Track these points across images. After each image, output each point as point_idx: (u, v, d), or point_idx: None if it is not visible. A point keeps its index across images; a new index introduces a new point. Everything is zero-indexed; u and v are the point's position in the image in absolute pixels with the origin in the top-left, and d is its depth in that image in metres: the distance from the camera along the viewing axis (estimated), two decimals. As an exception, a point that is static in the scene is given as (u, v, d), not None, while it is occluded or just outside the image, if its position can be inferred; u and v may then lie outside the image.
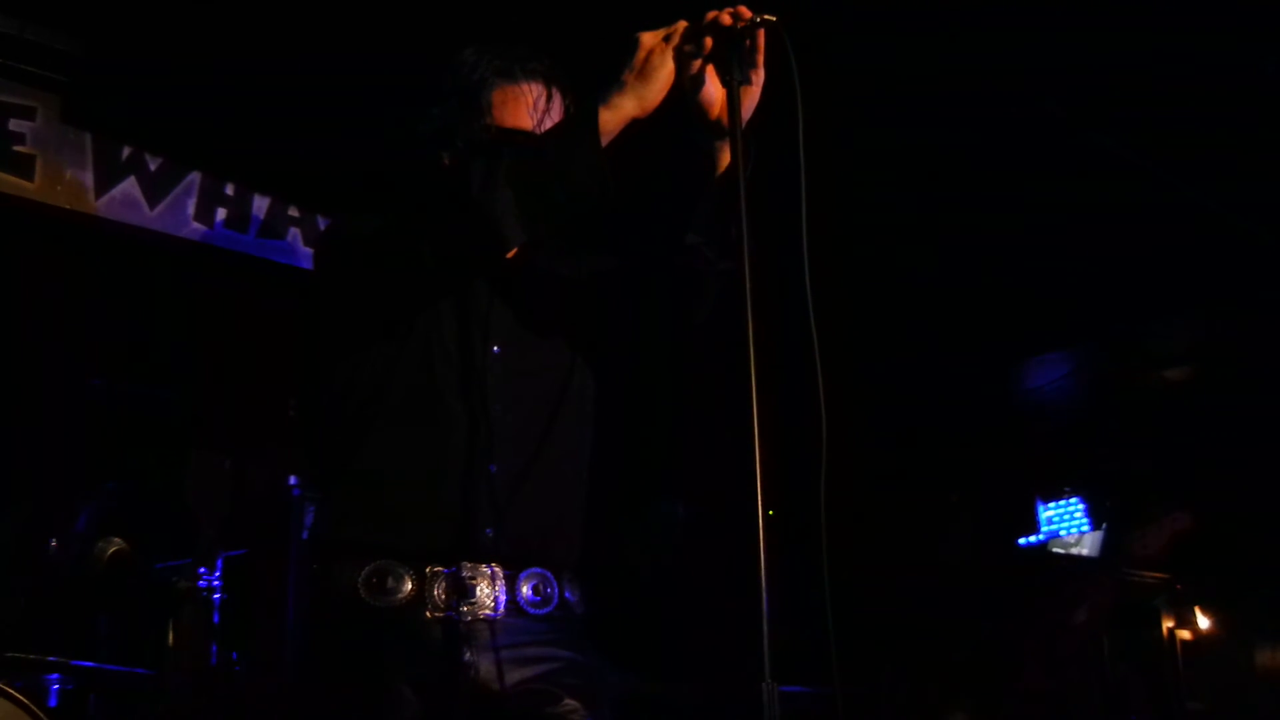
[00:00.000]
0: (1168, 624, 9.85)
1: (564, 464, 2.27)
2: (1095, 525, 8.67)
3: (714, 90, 2.08)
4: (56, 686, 3.70)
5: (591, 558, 2.30)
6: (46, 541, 3.84)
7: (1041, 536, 8.87)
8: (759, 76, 2.05)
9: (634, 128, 2.05)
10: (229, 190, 5.36)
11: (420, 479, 2.13)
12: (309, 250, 5.50)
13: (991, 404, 7.77)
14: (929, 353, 6.78)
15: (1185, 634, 9.90)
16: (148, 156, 5.15)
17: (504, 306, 2.23)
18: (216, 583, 4.08)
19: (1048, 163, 5.22)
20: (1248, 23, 4.37)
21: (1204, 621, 10.00)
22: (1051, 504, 8.85)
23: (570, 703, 2.13)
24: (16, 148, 4.82)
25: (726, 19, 2.00)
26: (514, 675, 2.12)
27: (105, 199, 5.02)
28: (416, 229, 2.07)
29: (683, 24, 2.04)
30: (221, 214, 5.32)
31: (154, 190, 5.15)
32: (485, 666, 2.11)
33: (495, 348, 2.21)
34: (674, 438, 5.57)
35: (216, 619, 4.06)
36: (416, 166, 2.29)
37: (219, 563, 4.12)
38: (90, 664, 3.85)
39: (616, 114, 2.00)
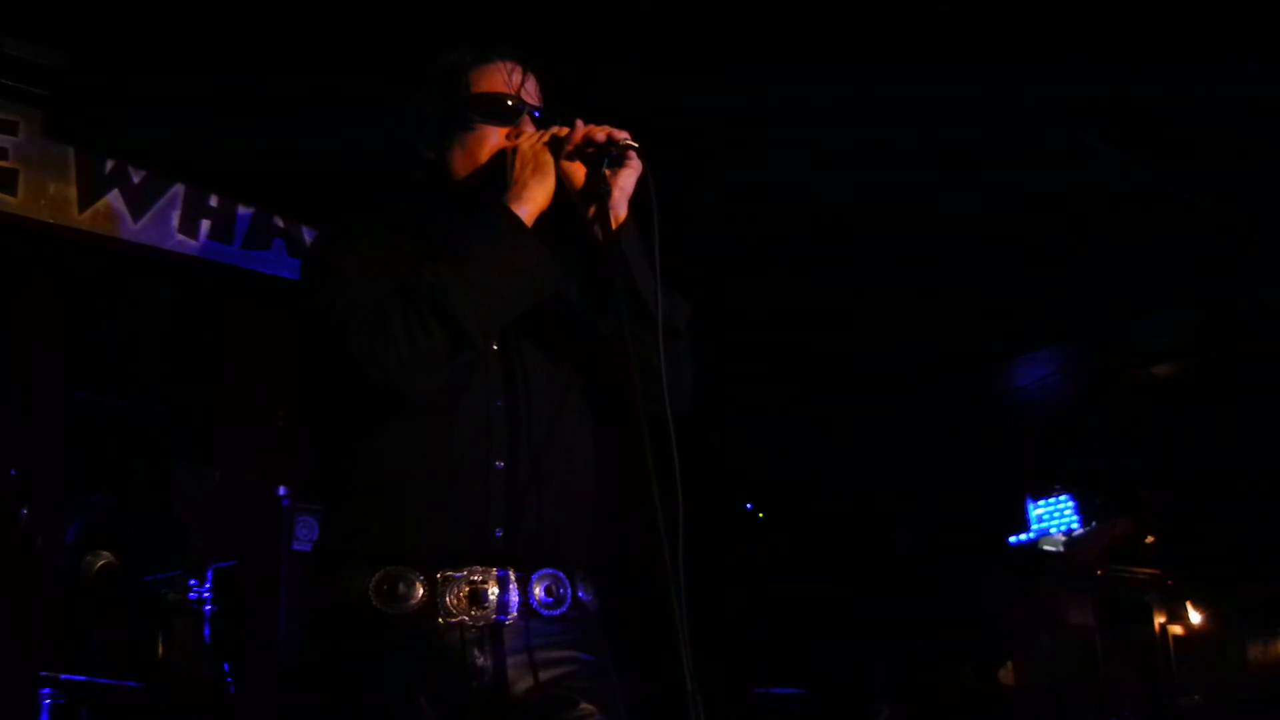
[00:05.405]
0: (1160, 619, 9.89)
1: (571, 460, 2.25)
2: (1085, 522, 8.69)
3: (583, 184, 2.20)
4: (49, 701, 3.69)
5: (604, 555, 2.29)
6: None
7: (1031, 534, 8.89)
8: (628, 182, 2.16)
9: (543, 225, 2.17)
10: (213, 202, 5.34)
11: (426, 479, 2.10)
12: (295, 260, 5.48)
13: (980, 403, 7.79)
14: (917, 352, 6.79)
15: (1177, 629, 9.94)
16: (131, 169, 5.14)
17: None
18: (206, 595, 4.07)
19: (1033, 161, 5.23)
20: (1229, 21, 4.39)
21: (1196, 616, 10.03)
22: (1041, 502, 8.86)
23: (586, 707, 2.09)
24: (-1, 162, 4.82)
25: (600, 136, 2.13)
26: (529, 680, 2.09)
27: (89, 212, 5.01)
28: (390, 333, 2.03)
29: (563, 129, 2.18)
30: (206, 225, 5.30)
31: (138, 203, 5.14)
32: (499, 672, 2.08)
33: (495, 344, 2.20)
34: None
35: (207, 631, 4.05)
36: (398, 163, 2.31)
37: (209, 575, 4.10)
38: (81, 677, 3.84)
39: (530, 206, 2.12)
